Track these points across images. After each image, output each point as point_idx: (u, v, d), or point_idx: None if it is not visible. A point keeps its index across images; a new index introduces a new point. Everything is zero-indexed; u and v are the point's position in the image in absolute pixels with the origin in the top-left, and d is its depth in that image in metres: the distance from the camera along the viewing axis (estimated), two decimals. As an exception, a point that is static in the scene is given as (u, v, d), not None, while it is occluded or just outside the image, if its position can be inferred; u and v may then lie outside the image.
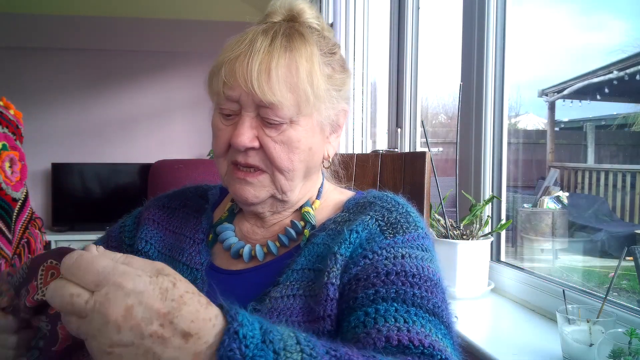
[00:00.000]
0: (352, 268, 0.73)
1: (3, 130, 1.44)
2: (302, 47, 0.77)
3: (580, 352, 0.98)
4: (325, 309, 0.70)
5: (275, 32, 0.78)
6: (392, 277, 0.69)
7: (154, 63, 4.99)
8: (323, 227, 0.82)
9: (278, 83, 0.74)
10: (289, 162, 0.77)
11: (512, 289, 1.46)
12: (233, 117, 0.78)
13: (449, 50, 2.59)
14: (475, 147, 1.62)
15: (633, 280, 2.05)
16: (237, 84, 0.74)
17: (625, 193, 3.06)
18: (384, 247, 0.74)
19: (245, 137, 0.75)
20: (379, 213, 0.79)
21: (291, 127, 0.77)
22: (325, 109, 0.80)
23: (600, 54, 2.99)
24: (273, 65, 0.74)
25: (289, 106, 0.75)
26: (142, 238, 0.89)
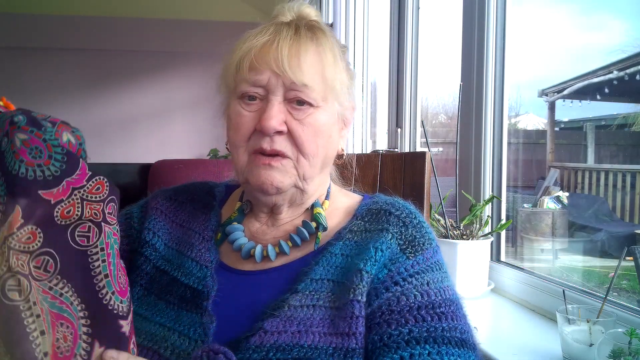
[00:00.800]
0: (384, 293, 0.74)
1: (3, 130, 1.45)
2: (324, 39, 0.81)
3: (580, 352, 0.98)
4: (351, 326, 0.71)
5: (297, 25, 0.80)
6: (423, 312, 0.73)
7: (154, 63, 5.00)
8: (339, 236, 0.82)
9: (307, 66, 0.77)
10: (315, 146, 0.79)
11: (512, 289, 1.46)
12: (255, 104, 0.78)
13: (449, 50, 2.59)
14: (475, 147, 1.62)
15: (633, 280, 2.05)
16: (266, 68, 0.76)
17: (625, 193, 3.06)
18: (410, 271, 0.76)
19: (274, 120, 0.75)
20: (397, 229, 0.80)
21: (317, 111, 0.79)
22: (344, 100, 0.83)
23: (600, 54, 2.99)
24: (302, 50, 0.77)
25: (318, 90, 0.77)
26: (149, 229, 0.87)
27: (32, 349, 0.56)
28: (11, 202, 0.59)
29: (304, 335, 0.70)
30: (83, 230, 0.62)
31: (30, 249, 0.59)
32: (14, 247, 0.58)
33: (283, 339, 0.70)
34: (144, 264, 0.84)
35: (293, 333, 0.70)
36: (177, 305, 0.79)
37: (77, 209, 0.62)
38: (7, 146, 0.60)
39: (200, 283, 0.79)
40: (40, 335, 0.57)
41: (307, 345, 0.69)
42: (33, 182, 0.60)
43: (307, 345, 0.69)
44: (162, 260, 0.85)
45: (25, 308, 0.57)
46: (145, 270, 0.84)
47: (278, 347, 0.69)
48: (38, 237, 0.60)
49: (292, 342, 0.70)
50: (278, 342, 0.69)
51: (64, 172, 0.62)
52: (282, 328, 0.71)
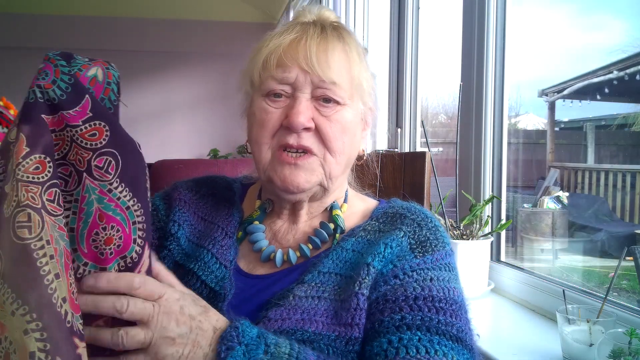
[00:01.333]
0: (382, 286, 0.74)
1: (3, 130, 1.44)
2: (349, 39, 0.82)
3: (580, 352, 0.98)
4: (354, 318, 0.71)
5: (322, 25, 0.81)
6: (420, 302, 0.72)
7: (154, 63, 4.99)
8: (352, 233, 0.82)
9: (335, 63, 0.77)
10: (342, 143, 0.79)
11: (512, 289, 1.46)
12: (281, 101, 0.78)
13: (449, 50, 2.59)
14: (475, 147, 1.62)
15: (633, 280, 2.05)
16: (294, 65, 0.76)
17: (625, 193, 3.06)
18: (414, 267, 0.76)
19: (303, 116, 0.75)
20: (410, 228, 0.80)
21: (343, 109, 0.79)
22: (367, 100, 0.84)
23: (600, 54, 2.99)
24: (330, 48, 0.78)
25: (345, 87, 0.78)
26: (175, 220, 0.86)
27: (48, 294, 0.49)
28: (16, 131, 0.54)
29: (308, 322, 0.71)
30: (64, 172, 0.57)
31: (41, 180, 0.53)
32: (22, 179, 0.52)
33: (287, 324, 0.71)
34: (165, 259, 0.83)
35: (297, 320, 0.71)
36: None
37: (65, 147, 0.57)
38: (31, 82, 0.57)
39: (218, 284, 0.79)
40: (55, 278, 0.50)
41: (311, 330, 0.70)
42: (34, 104, 0.55)
43: (311, 331, 0.70)
44: (182, 255, 0.84)
45: (38, 247, 0.50)
46: (166, 265, 0.83)
47: (282, 332, 0.70)
48: (47, 168, 0.54)
49: (295, 327, 0.70)
50: (282, 328, 0.70)
51: (62, 102, 0.56)
52: (286, 316, 0.72)
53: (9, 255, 0.50)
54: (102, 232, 0.57)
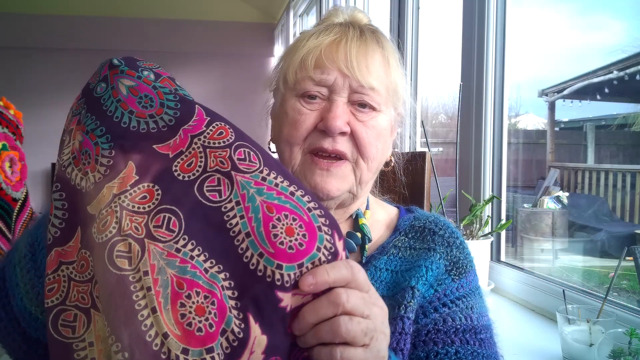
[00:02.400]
0: (432, 313, 0.76)
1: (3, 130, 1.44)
2: (387, 44, 0.80)
3: (580, 352, 0.98)
4: (399, 342, 0.71)
5: (360, 28, 0.79)
6: (467, 335, 0.75)
7: (154, 63, 5.00)
8: (383, 250, 0.81)
9: (374, 68, 0.76)
10: (375, 149, 0.78)
11: (512, 289, 1.46)
12: (317, 103, 0.76)
13: (449, 50, 2.59)
14: (475, 147, 1.62)
15: (633, 280, 2.05)
16: (334, 67, 0.75)
17: (625, 193, 3.06)
18: (455, 294, 0.79)
19: (341, 119, 0.74)
20: (442, 248, 0.81)
21: (379, 115, 0.78)
22: (399, 106, 0.83)
23: (600, 54, 2.99)
24: (370, 52, 0.76)
25: (383, 94, 0.77)
26: None
27: (142, 331, 0.45)
28: (122, 157, 0.51)
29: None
30: (212, 184, 0.51)
31: (147, 209, 0.50)
32: (127, 207, 0.49)
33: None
34: None
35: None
36: None
37: (200, 160, 0.52)
38: (108, 92, 0.53)
39: None
40: (152, 313, 0.45)
41: None
42: (146, 135, 0.52)
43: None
44: None
45: (135, 279, 0.46)
46: None
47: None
48: (156, 196, 0.50)
49: None
50: None
51: (179, 119, 0.54)
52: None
53: (105, 285, 0.47)
54: (278, 224, 0.50)
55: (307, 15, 4.25)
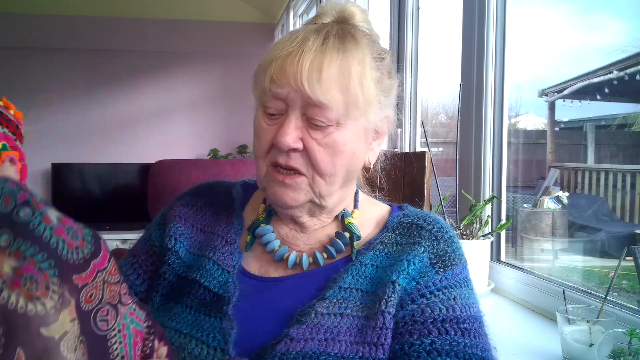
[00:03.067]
0: (409, 304, 0.74)
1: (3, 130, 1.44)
2: (355, 49, 0.76)
3: (580, 352, 0.98)
4: (380, 337, 0.70)
5: (327, 32, 0.76)
6: (447, 325, 0.72)
7: (154, 63, 5.00)
8: (369, 246, 0.81)
9: (329, 82, 0.72)
10: (332, 166, 0.75)
11: (512, 289, 1.46)
12: (277, 116, 0.76)
13: (449, 50, 2.59)
14: (475, 147, 1.62)
15: (633, 280, 2.05)
16: (286, 82, 0.72)
17: (625, 193, 3.06)
18: (438, 285, 0.76)
19: (289, 138, 0.73)
20: (429, 242, 0.80)
21: (337, 130, 0.74)
22: (372, 114, 0.78)
23: (600, 54, 2.99)
24: (325, 65, 0.72)
25: (338, 107, 0.73)
26: (171, 235, 0.85)
27: None
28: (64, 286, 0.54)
29: (331, 343, 0.69)
30: (103, 314, 0.58)
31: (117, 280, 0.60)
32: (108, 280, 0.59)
33: (310, 346, 0.69)
34: (167, 273, 0.83)
35: (320, 341, 0.69)
36: (195, 308, 0.77)
37: (99, 292, 0.58)
38: (37, 218, 0.53)
39: (221, 288, 0.77)
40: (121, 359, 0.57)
41: (334, 353, 0.68)
42: (73, 266, 0.55)
43: (334, 354, 0.68)
44: (184, 267, 0.83)
45: (112, 336, 0.57)
46: (167, 279, 0.83)
47: (305, 355, 0.68)
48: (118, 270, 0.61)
49: (319, 349, 0.69)
50: (305, 350, 0.68)
51: (92, 254, 0.58)
52: (308, 335, 0.70)
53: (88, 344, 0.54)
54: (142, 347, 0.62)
55: (307, 15, 4.25)
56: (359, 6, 0.85)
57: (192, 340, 0.72)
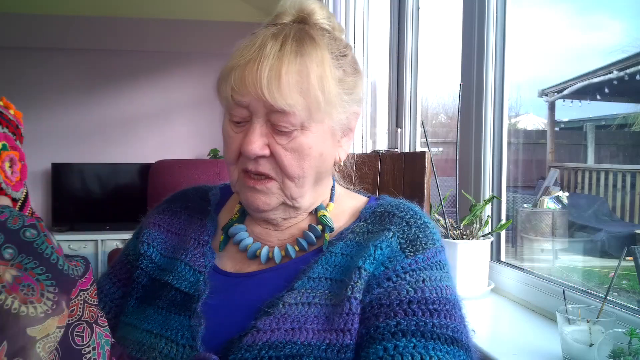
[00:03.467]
0: (375, 288, 0.73)
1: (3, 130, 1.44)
2: (313, 51, 0.75)
3: (580, 352, 0.98)
4: (347, 323, 0.70)
5: (285, 36, 0.75)
6: (414, 306, 0.71)
7: (154, 63, 5.00)
8: (340, 236, 0.81)
9: (289, 88, 0.72)
10: (300, 169, 0.76)
11: (512, 289, 1.46)
12: (243, 124, 0.76)
13: (449, 50, 2.59)
14: (475, 147, 1.62)
15: (633, 280, 2.05)
16: (247, 91, 0.73)
17: (625, 193, 3.06)
18: (406, 269, 0.75)
19: (255, 145, 0.74)
20: (399, 228, 0.79)
21: (302, 134, 0.75)
22: (337, 113, 0.78)
23: (600, 54, 2.99)
24: (283, 71, 0.72)
25: (300, 112, 0.73)
26: (143, 241, 0.87)
27: None
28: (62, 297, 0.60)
29: (298, 332, 0.69)
30: (79, 330, 0.63)
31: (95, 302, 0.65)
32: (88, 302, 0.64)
33: (276, 336, 0.69)
34: (140, 277, 0.84)
35: (287, 330, 0.70)
36: (165, 309, 0.78)
37: (79, 310, 0.64)
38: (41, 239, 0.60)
39: (192, 287, 0.79)
40: None
41: (300, 342, 0.69)
42: (73, 281, 0.63)
43: (300, 342, 0.68)
44: (157, 271, 0.85)
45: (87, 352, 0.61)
46: (141, 283, 0.84)
47: (270, 345, 0.68)
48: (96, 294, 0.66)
49: (285, 339, 0.69)
50: (271, 340, 0.69)
51: (81, 274, 0.64)
52: (275, 326, 0.70)
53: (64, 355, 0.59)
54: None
55: (307, 15, 4.25)
56: (318, 1, 0.84)
57: (162, 340, 0.74)
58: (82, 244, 4.64)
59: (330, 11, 0.87)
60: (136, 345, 0.75)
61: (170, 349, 0.72)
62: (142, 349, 0.74)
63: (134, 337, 0.76)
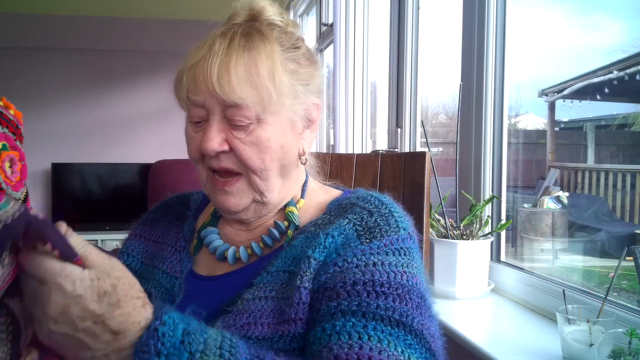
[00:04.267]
0: (322, 275, 0.72)
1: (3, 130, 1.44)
2: (261, 44, 0.76)
3: (580, 352, 0.98)
4: (297, 312, 0.70)
5: (233, 33, 0.77)
6: (359, 287, 0.68)
7: (154, 63, 5.00)
8: (303, 230, 0.80)
9: (239, 82, 0.73)
10: (261, 162, 0.77)
11: (512, 289, 1.46)
12: (202, 123, 0.78)
13: (449, 50, 2.59)
14: (475, 147, 1.62)
15: (633, 280, 2.05)
16: (199, 89, 0.74)
17: (625, 193, 3.06)
18: (357, 254, 0.73)
19: (214, 142, 0.75)
20: (359, 216, 0.77)
21: (259, 127, 0.76)
22: (292, 104, 0.78)
23: (600, 54, 2.99)
24: (232, 65, 0.73)
25: (254, 104, 0.74)
26: (124, 252, 0.90)
27: None
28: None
29: (252, 327, 0.69)
30: None
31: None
32: None
33: (231, 333, 0.68)
34: None
35: (242, 326, 0.70)
36: None
37: None
38: None
39: (167, 293, 0.80)
40: None
41: (255, 336, 0.69)
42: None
43: (255, 337, 0.69)
44: (138, 278, 0.85)
45: None
46: None
47: None
48: None
49: (239, 334, 0.69)
50: None
51: None
52: (231, 322, 0.71)
53: None
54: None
55: (307, 15, 4.26)
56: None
57: None
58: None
59: (329, 11, 0.87)
60: None
61: None
62: None
63: None
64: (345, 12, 2.82)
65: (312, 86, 0.82)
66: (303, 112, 0.81)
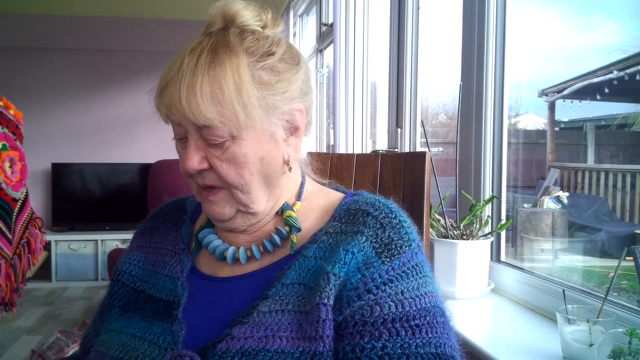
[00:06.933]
0: (356, 301, 0.72)
1: (3, 130, 1.44)
2: (228, 60, 0.74)
3: (580, 352, 0.98)
4: (317, 330, 0.69)
5: (201, 49, 0.75)
6: (397, 325, 0.71)
7: (154, 63, 5.00)
8: (314, 239, 0.79)
9: (204, 103, 0.71)
10: (239, 177, 0.76)
11: (512, 289, 1.46)
12: (184, 140, 0.78)
13: (449, 50, 2.59)
14: (475, 147, 1.62)
15: (633, 280, 2.05)
16: (172, 111, 0.74)
17: (625, 193, 3.06)
18: (384, 278, 0.74)
19: (193, 161, 0.75)
20: (372, 231, 0.77)
21: (234, 143, 0.75)
22: (266, 116, 0.76)
23: (600, 54, 2.99)
24: (197, 87, 0.72)
25: (224, 122, 0.72)
26: (125, 261, 0.90)
27: None
28: None
29: (271, 340, 0.69)
30: None
31: None
32: None
33: (249, 344, 0.69)
34: (121, 289, 0.87)
35: (260, 338, 0.69)
36: (149, 317, 0.80)
37: None
38: None
39: (171, 294, 0.80)
40: None
41: (274, 349, 0.68)
42: None
43: (274, 350, 0.68)
44: (139, 282, 0.87)
45: None
46: (122, 293, 0.87)
47: (244, 352, 0.68)
48: None
49: (258, 346, 0.69)
50: (244, 348, 0.69)
51: None
52: (249, 334, 0.70)
53: None
54: None
55: (307, 15, 4.26)
56: (243, 1, 0.81)
57: (144, 342, 0.76)
58: (82, 244, 4.64)
59: (329, 11, 0.86)
60: (119, 347, 0.77)
61: (152, 350, 0.74)
62: (125, 350, 0.76)
63: (118, 340, 0.79)
64: (345, 12, 2.82)
65: (291, 92, 0.79)
66: (282, 121, 0.79)
